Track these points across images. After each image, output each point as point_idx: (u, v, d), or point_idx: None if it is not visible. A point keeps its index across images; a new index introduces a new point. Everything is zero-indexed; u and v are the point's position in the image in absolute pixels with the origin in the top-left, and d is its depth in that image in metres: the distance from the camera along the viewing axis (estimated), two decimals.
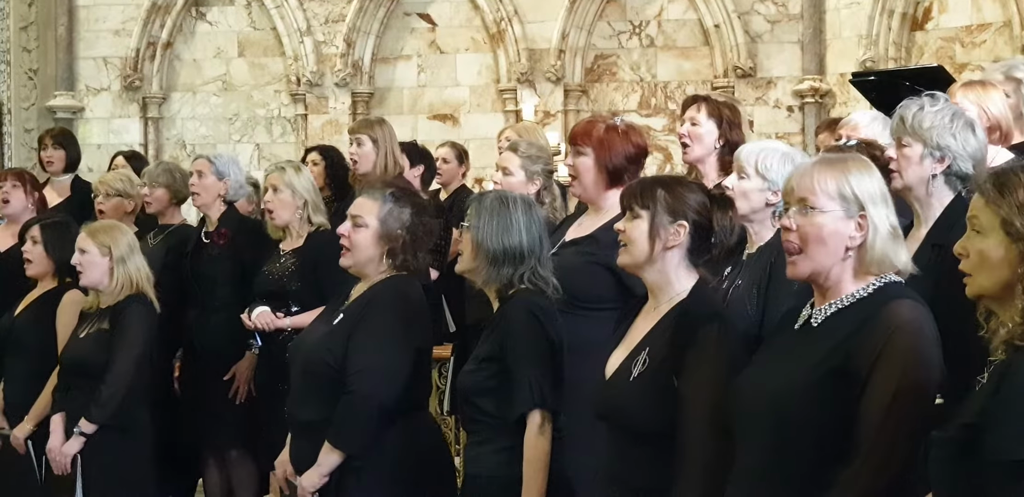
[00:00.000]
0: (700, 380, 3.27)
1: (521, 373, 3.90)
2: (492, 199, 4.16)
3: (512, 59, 11.92)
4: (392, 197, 4.47)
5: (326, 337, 4.42)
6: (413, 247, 4.45)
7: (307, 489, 4.29)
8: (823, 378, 2.90)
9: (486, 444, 4.01)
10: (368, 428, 4.27)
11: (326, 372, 4.33)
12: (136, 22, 12.31)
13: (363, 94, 12.20)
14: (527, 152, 5.61)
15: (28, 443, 5.69)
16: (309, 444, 4.35)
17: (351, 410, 4.26)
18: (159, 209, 6.71)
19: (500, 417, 3.96)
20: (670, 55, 11.86)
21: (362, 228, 4.43)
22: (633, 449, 3.41)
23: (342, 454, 4.27)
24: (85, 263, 5.53)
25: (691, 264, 3.51)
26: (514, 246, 4.05)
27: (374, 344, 4.31)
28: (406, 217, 4.44)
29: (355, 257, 4.46)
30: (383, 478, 4.28)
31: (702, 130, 5.09)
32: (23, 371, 5.88)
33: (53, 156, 8.10)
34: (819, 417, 2.90)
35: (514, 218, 4.09)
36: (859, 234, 3.00)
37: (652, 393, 3.34)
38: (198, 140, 12.32)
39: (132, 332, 5.45)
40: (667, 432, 3.28)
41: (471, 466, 4.09)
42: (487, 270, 4.07)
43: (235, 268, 6.27)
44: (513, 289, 4.06)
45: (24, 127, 12.20)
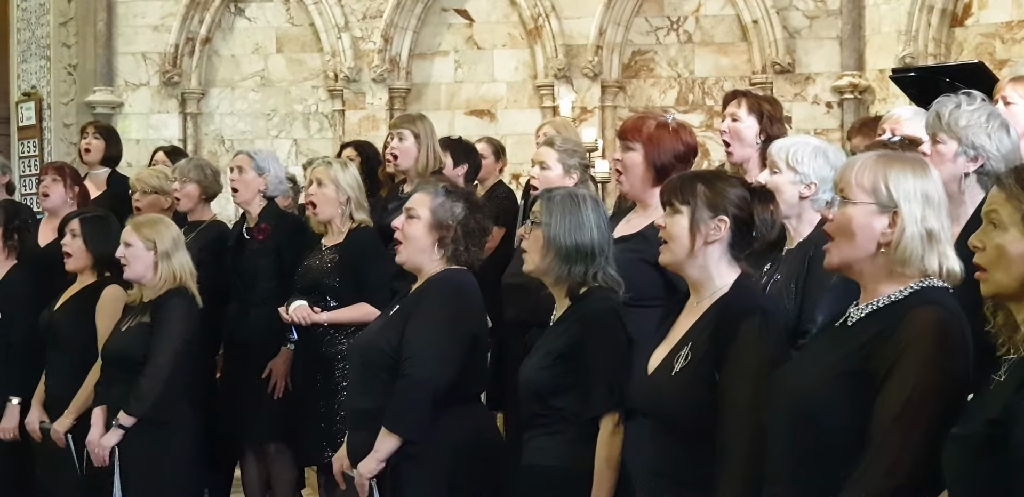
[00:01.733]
0: (741, 375, 3.27)
1: (600, 373, 3.89)
2: (563, 196, 4.15)
3: (549, 55, 11.90)
4: (445, 191, 4.54)
5: (383, 328, 4.49)
6: (465, 240, 4.48)
7: (364, 475, 4.32)
8: (842, 378, 2.89)
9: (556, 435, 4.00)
10: (423, 412, 4.30)
11: (382, 360, 4.38)
12: (175, 18, 12.35)
13: (400, 90, 12.21)
14: (563, 146, 5.62)
15: (68, 436, 5.72)
16: (366, 434, 4.39)
17: (406, 394, 4.30)
18: (190, 206, 6.71)
19: (572, 412, 3.95)
20: (708, 51, 11.82)
21: (414, 219, 4.48)
22: (675, 444, 3.41)
23: (399, 439, 4.31)
24: (130, 256, 5.55)
25: (732, 259, 3.50)
26: (586, 244, 4.05)
27: (428, 330, 4.35)
28: (458, 210, 4.49)
29: (408, 250, 4.50)
30: (439, 465, 4.32)
31: (742, 126, 5.09)
32: (64, 365, 5.91)
33: (92, 145, 8.11)
34: (836, 418, 2.88)
35: (585, 216, 4.09)
36: (891, 231, 2.97)
37: (694, 388, 3.34)
38: (236, 135, 12.36)
39: (173, 325, 5.48)
40: (709, 427, 3.28)
41: (536, 457, 4.06)
42: (559, 268, 4.06)
43: (275, 263, 6.28)
44: (585, 287, 4.05)
45: (64, 122, 12.27)
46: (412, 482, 4.34)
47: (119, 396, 5.46)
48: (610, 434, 3.88)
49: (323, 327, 5.89)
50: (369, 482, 4.33)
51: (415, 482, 4.34)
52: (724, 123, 5.16)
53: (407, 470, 4.34)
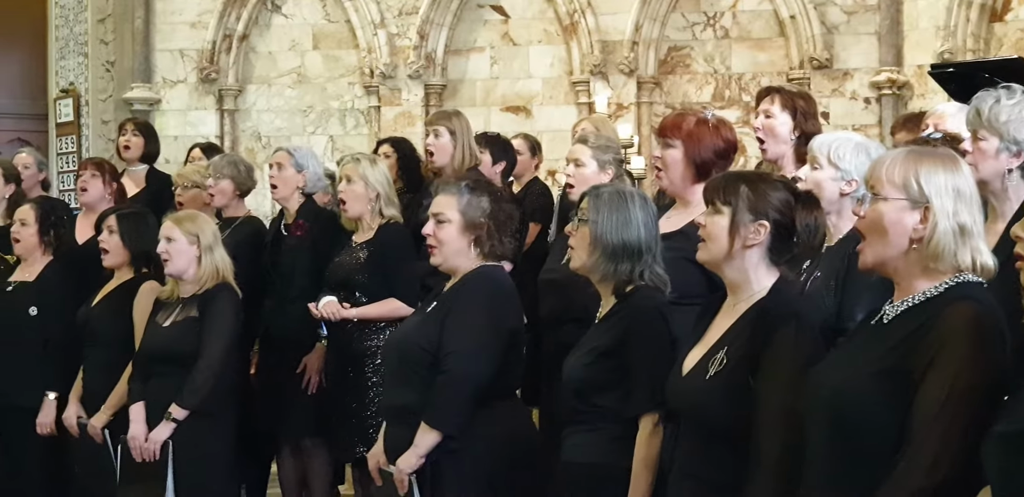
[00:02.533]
0: (776, 380, 3.24)
1: (643, 372, 3.87)
2: (610, 193, 4.13)
3: (585, 51, 11.89)
4: (468, 188, 4.52)
5: (420, 324, 4.48)
6: (498, 233, 4.49)
7: (404, 471, 4.32)
8: (879, 377, 2.87)
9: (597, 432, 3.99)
10: (464, 408, 4.31)
11: (421, 356, 4.38)
12: (212, 15, 12.40)
13: (436, 86, 12.22)
14: (597, 143, 5.60)
15: (105, 432, 5.74)
16: (404, 429, 4.39)
17: (447, 390, 4.30)
18: (224, 202, 6.72)
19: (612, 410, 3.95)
20: (745, 47, 11.79)
21: (445, 223, 4.48)
22: (707, 446, 3.39)
23: (439, 434, 4.31)
24: (172, 251, 5.56)
25: (772, 263, 3.47)
26: (633, 241, 4.03)
27: (467, 326, 4.35)
28: (486, 204, 4.48)
29: (444, 253, 4.50)
30: (479, 461, 4.32)
31: (776, 122, 5.06)
32: (101, 361, 5.93)
33: (131, 142, 8.12)
34: (874, 416, 2.86)
35: (633, 213, 4.06)
36: (923, 227, 2.94)
37: (728, 392, 3.32)
38: (273, 132, 12.40)
39: (224, 319, 5.51)
40: (741, 430, 3.26)
41: (574, 453, 4.05)
42: (605, 265, 4.04)
43: (312, 259, 6.28)
44: (631, 285, 4.04)
45: (101, 119, 12.32)
46: (452, 477, 4.34)
47: (160, 391, 5.46)
48: (649, 434, 3.87)
49: (352, 323, 5.90)
50: (408, 477, 4.33)
51: (455, 477, 4.34)
52: (757, 120, 5.13)
53: (447, 465, 4.34)
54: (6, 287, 6.43)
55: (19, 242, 6.41)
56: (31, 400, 6.15)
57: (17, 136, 12.91)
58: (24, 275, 6.42)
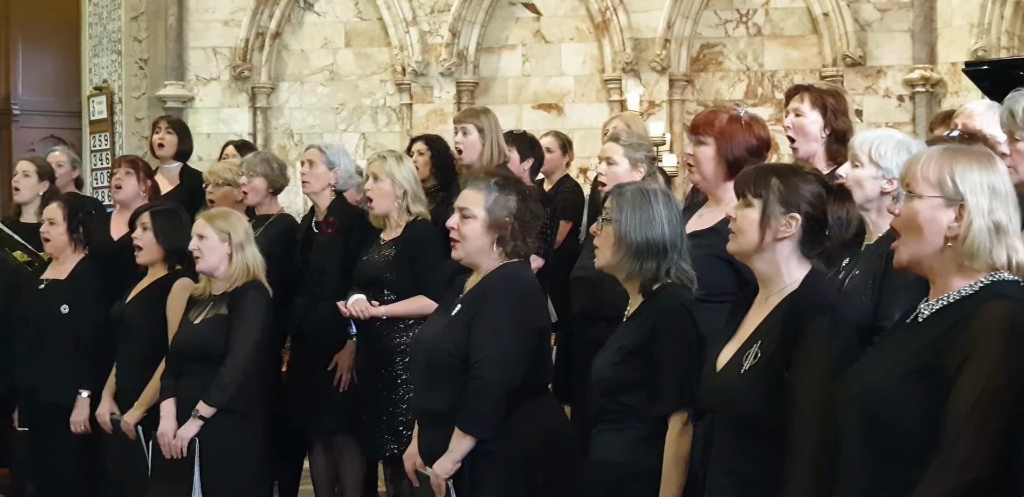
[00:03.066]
0: (811, 373, 3.23)
1: (671, 371, 3.86)
2: (633, 192, 4.12)
3: (617, 49, 11.87)
4: (496, 186, 4.50)
5: (446, 328, 4.45)
6: (522, 233, 4.48)
7: (440, 476, 4.32)
8: (913, 375, 2.84)
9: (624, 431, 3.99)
10: (497, 412, 4.31)
11: (449, 362, 4.36)
12: (245, 12, 12.43)
13: (468, 84, 12.22)
14: (629, 140, 5.60)
15: (138, 428, 5.75)
16: (437, 434, 4.39)
17: (479, 396, 4.30)
18: (257, 199, 6.74)
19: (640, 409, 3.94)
20: (777, 44, 11.75)
21: (470, 219, 4.46)
22: (744, 441, 3.37)
23: (473, 439, 4.31)
24: (204, 248, 5.56)
25: (803, 256, 3.46)
26: (657, 239, 4.02)
27: (495, 330, 4.34)
28: (512, 204, 4.46)
29: (466, 248, 4.48)
30: (514, 461, 4.32)
31: (806, 120, 5.04)
32: (134, 357, 5.93)
33: (165, 140, 8.13)
34: (907, 415, 2.84)
35: (656, 211, 4.05)
36: (958, 225, 2.91)
37: (763, 386, 3.30)
38: (305, 130, 12.42)
39: (253, 317, 5.50)
40: (777, 426, 3.24)
41: (602, 452, 4.05)
42: (630, 264, 4.03)
43: (342, 256, 6.29)
44: (658, 283, 4.03)
45: (135, 116, 12.36)
46: (490, 480, 4.34)
47: (190, 388, 5.47)
48: (678, 433, 3.86)
49: (381, 320, 5.91)
50: (446, 482, 4.33)
51: (493, 480, 4.34)
52: (787, 119, 5.11)
53: (484, 468, 4.34)
54: (38, 285, 6.45)
55: (49, 241, 6.43)
56: (63, 397, 6.18)
57: (51, 133, 13.00)
58: (56, 273, 6.44)
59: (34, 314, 6.37)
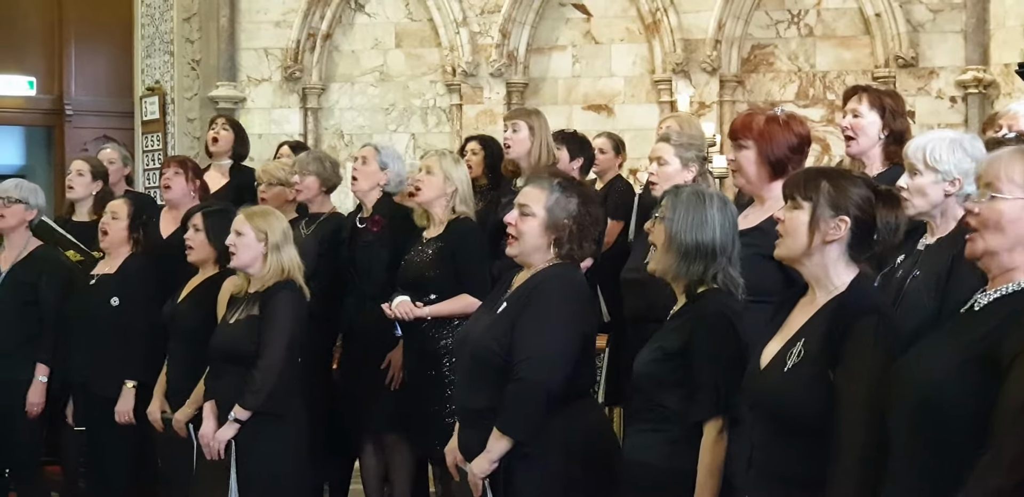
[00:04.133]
0: (856, 374, 3.22)
1: (707, 376, 3.86)
2: (689, 193, 4.13)
3: (667, 49, 11.84)
4: (559, 187, 4.49)
5: (491, 326, 4.44)
6: (579, 236, 4.46)
7: (477, 475, 4.32)
8: (968, 365, 2.84)
9: (659, 433, 3.98)
10: (536, 414, 4.28)
11: (493, 360, 4.35)
12: (296, 14, 12.47)
13: (518, 84, 12.22)
14: (680, 140, 5.59)
15: (189, 427, 5.77)
16: (477, 432, 4.38)
17: (519, 397, 4.28)
18: (309, 197, 6.76)
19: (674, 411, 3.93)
20: (829, 44, 11.69)
21: (529, 217, 4.45)
22: (786, 441, 3.37)
23: (511, 440, 4.30)
24: (239, 245, 5.56)
25: (851, 259, 3.45)
26: (707, 242, 4.02)
27: (540, 330, 4.32)
28: (572, 207, 4.45)
29: (522, 246, 4.47)
30: (552, 463, 4.30)
31: (865, 121, 5.01)
32: (185, 356, 5.94)
33: (220, 135, 8.14)
34: (960, 406, 2.84)
35: (709, 214, 4.05)
36: None
37: (807, 385, 3.30)
38: (355, 130, 12.46)
39: (282, 318, 5.45)
40: (821, 425, 3.24)
41: (638, 453, 4.05)
42: (678, 264, 4.03)
43: (389, 255, 6.29)
44: (703, 287, 4.02)
45: (187, 117, 12.43)
46: (526, 482, 4.33)
47: (226, 389, 5.47)
48: (713, 441, 3.85)
49: (427, 321, 5.91)
50: (482, 482, 4.33)
51: (529, 482, 4.33)
52: (845, 119, 5.08)
53: (521, 470, 4.33)
54: (89, 280, 6.51)
55: (107, 235, 6.47)
56: (113, 390, 6.23)
57: (103, 133, 13.08)
58: (106, 268, 6.51)
59: (85, 309, 6.42)
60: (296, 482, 5.51)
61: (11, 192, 6.78)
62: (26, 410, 6.55)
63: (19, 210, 6.76)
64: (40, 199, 6.88)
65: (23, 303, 6.66)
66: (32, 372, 6.57)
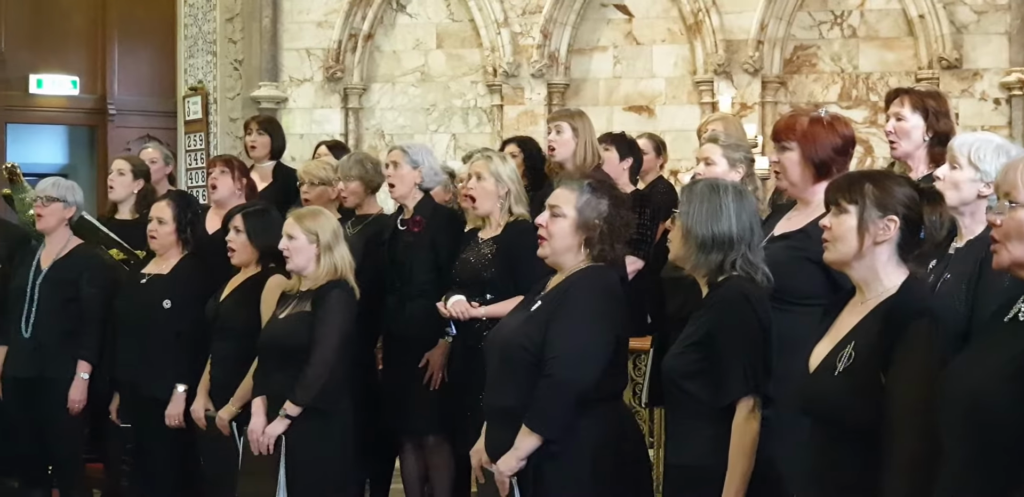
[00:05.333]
0: (908, 377, 3.20)
1: (734, 358, 3.86)
2: (703, 186, 4.15)
3: (709, 50, 11.80)
4: (590, 188, 4.49)
5: (523, 324, 4.44)
6: (610, 238, 4.45)
7: (504, 473, 4.31)
8: (1016, 376, 2.82)
9: (692, 433, 3.98)
10: (566, 412, 4.28)
11: (524, 358, 4.35)
12: (338, 14, 12.50)
13: (559, 85, 12.21)
14: (728, 141, 5.58)
15: (232, 424, 5.80)
16: (506, 431, 4.37)
17: (549, 394, 4.28)
18: (357, 201, 6.78)
19: (706, 402, 3.92)
20: (872, 46, 11.63)
21: (559, 218, 4.46)
22: (837, 445, 3.35)
23: (539, 438, 4.29)
24: (292, 249, 5.59)
25: (901, 259, 3.43)
26: (723, 232, 4.02)
27: (572, 329, 4.32)
28: (603, 208, 4.45)
29: (552, 246, 4.48)
30: (581, 464, 4.29)
31: (908, 124, 4.98)
32: (228, 354, 5.97)
33: (257, 141, 8.20)
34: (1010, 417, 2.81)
35: (724, 204, 4.06)
36: None
37: (858, 388, 3.28)
38: (396, 130, 12.48)
39: (334, 316, 5.48)
40: (872, 428, 3.22)
41: (675, 456, 4.05)
42: (696, 256, 4.05)
43: (430, 255, 6.30)
44: (723, 275, 4.02)
45: (229, 116, 12.49)
46: (554, 481, 4.32)
47: (277, 385, 5.50)
48: (744, 420, 3.84)
49: (481, 321, 5.91)
50: (510, 480, 4.32)
51: (557, 481, 4.32)
52: (889, 123, 5.05)
53: (548, 468, 4.32)
54: (140, 279, 6.51)
55: (155, 239, 6.47)
56: (163, 392, 6.23)
57: (146, 133, 13.18)
58: (158, 268, 6.49)
59: (135, 309, 6.42)
60: (342, 478, 5.54)
61: (49, 191, 6.81)
62: (68, 407, 6.57)
63: (57, 208, 6.79)
64: (78, 197, 6.90)
65: (64, 300, 6.69)
66: (73, 369, 6.60)
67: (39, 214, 6.78)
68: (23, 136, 13.63)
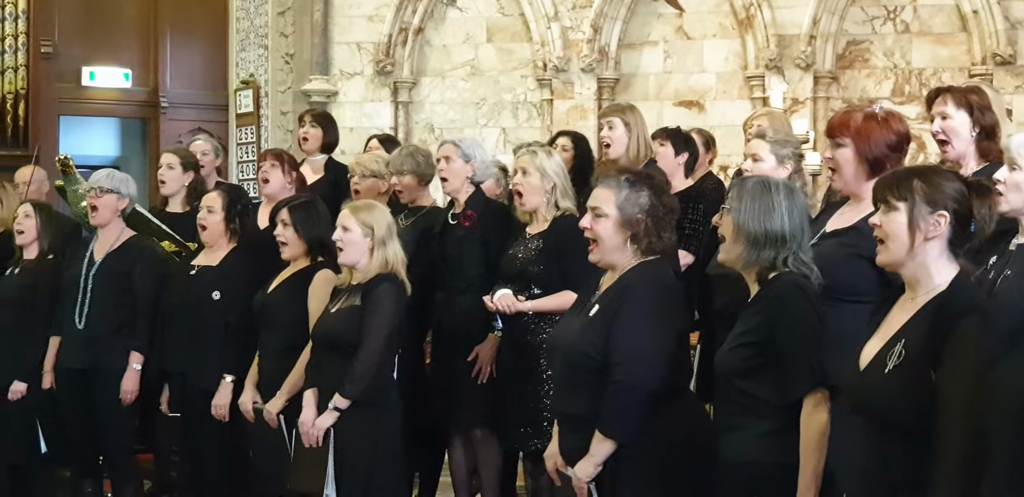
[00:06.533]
0: (959, 374, 3.18)
1: (797, 354, 3.84)
2: (754, 183, 4.12)
3: (760, 45, 11.76)
4: (627, 183, 4.46)
5: (584, 330, 4.42)
6: (656, 229, 4.43)
7: (582, 479, 4.31)
8: None
9: (746, 430, 3.96)
10: (638, 416, 4.26)
11: (588, 364, 4.33)
12: (389, 8, 12.54)
13: (609, 80, 12.20)
14: (775, 137, 5.55)
15: (280, 417, 5.82)
16: (578, 436, 4.37)
17: (620, 399, 4.26)
18: (411, 196, 6.78)
19: (763, 399, 3.91)
20: (926, 41, 11.56)
21: (602, 218, 4.43)
22: (887, 442, 3.33)
23: (614, 443, 4.28)
24: (346, 241, 5.59)
25: (951, 255, 3.42)
26: (775, 230, 4.01)
27: (636, 332, 4.29)
28: (644, 200, 4.42)
29: (602, 249, 4.46)
30: (656, 464, 4.28)
31: (955, 122, 4.94)
32: (276, 347, 6.00)
33: (309, 134, 8.22)
34: None
35: (776, 202, 4.04)
36: None
37: (908, 386, 3.27)
38: (446, 124, 12.50)
39: (384, 310, 5.49)
40: (923, 426, 3.20)
41: (729, 453, 4.03)
42: (748, 253, 4.03)
43: (481, 250, 6.30)
44: (775, 272, 4.01)
45: (280, 110, 12.54)
46: (632, 483, 4.31)
47: (328, 378, 5.52)
48: (811, 414, 3.82)
49: (528, 315, 5.91)
50: (588, 486, 4.32)
51: (634, 482, 4.31)
52: (935, 124, 5.01)
53: (625, 470, 4.31)
54: (189, 271, 6.56)
55: (206, 229, 6.52)
56: (212, 383, 6.27)
57: (198, 126, 13.22)
58: (208, 260, 6.54)
59: (185, 300, 6.47)
60: (390, 471, 5.55)
61: (103, 182, 6.84)
62: (120, 397, 6.62)
63: (111, 200, 6.82)
64: (132, 189, 6.94)
65: (117, 292, 6.73)
66: (126, 360, 6.64)
67: (93, 205, 6.82)
68: (76, 128, 13.72)
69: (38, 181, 8.66)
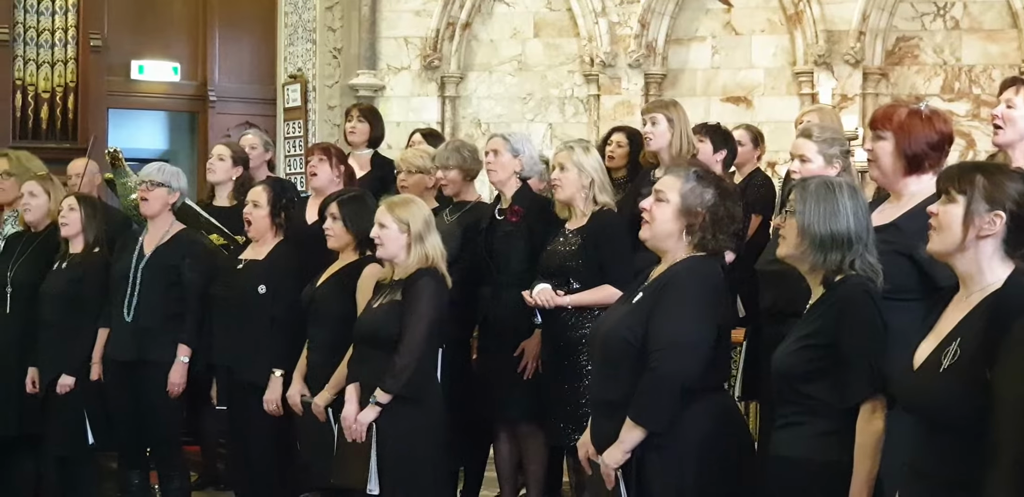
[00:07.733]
0: (1015, 374, 3.15)
1: (861, 358, 3.80)
2: (817, 184, 4.08)
3: (809, 41, 11.72)
4: (696, 176, 4.47)
5: (626, 316, 4.43)
6: (713, 228, 4.42)
7: (609, 466, 4.30)
8: None
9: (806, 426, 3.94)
10: (671, 405, 4.24)
11: (627, 350, 4.33)
12: (436, 3, 12.57)
13: (656, 75, 12.18)
14: (822, 136, 5.52)
15: (328, 410, 5.84)
16: (611, 423, 4.35)
17: (654, 387, 4.25)
18: (456, 190, 6.80)
19: (823, 400, 3.89)
20: (976, 38, 11.48)
21: (663, 203, 4.44)
22: (942, 441, 3.31)
23: (644, 431, 4.27)
24: (384, 237, 5.60)
25: (1006, 255, 3.39)
26: (841, 232, 3.97)
27: (676, 321, 4.28)
28: (708, 196, 4.42)
29: (654, 230, 4.46)
30: (685, 456, 4.26)
31: (1016, 114, 4.93)
32: (324, 341, 6.02)
33: (356, 128, 8.26)
34: None
35: (841, 203, 4.00)
36: None
37: (963, 385, 3.23)
38: (493, 119, 12.51)
39: (424, 304, 5.47)
40: (978, 425, 3.17)
41: (785, 449, 4.01)
42: (814, 256, 3.99)
43: (527, 245, 6.31)
44: (841, 275, 3.99)
45: (327, 104, 12.60)
46: (658, 473, 4.29)
47: (369, 373, 5.52)
48: (870, 420, 3.80)
49: (567, 310, 5.92)
50: (615, 472, 4.32)
51: (661, 473, 4.29)
52: (998, 108, 5.00)
53: (653, 460, 4.29)
54: (236, 265, 6.58)
55: (252, 224, 6.54)
56: (259, 377, 6.29)
57: (246, 120, 13.30)
58: (254, 254, 6.56)
59: (232, 294, 6.49)
60: (433, 465, 5.55)
61: (154, 176, 6.87)
62: (167, 390, 6.66)
63: (162, 193, 6.85)
64: (182, 183, 6.97)
65: (167, 285, 6.75)
66: (174, 353, 6.68)
67: (144, 198, 6.85)
68: (125, 121, 13.81)
69: (91, 173, 8.71)
